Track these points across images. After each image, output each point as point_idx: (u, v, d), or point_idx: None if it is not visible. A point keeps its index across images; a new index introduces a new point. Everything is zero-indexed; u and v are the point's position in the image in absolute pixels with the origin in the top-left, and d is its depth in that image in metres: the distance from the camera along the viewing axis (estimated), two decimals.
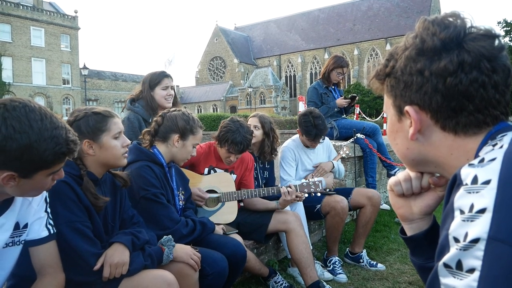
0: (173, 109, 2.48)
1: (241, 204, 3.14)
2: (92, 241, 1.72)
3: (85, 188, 1.72)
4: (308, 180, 3.00)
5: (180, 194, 2.44)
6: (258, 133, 3.23)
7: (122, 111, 3.43)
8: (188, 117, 2.40)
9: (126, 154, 1.90)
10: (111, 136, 1.82)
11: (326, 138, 3.89)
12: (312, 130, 3.42)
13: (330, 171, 3.74)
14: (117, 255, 1.73)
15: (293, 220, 2.96)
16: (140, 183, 2.19)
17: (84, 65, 33.46)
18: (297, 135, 3.72)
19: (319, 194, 3.01)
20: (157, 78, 3.14)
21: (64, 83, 44.29)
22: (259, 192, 2.93)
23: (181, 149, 2.38)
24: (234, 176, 3.01)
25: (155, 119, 2.45)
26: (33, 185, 1.30)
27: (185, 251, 2.01)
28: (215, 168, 2.95)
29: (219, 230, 2.53)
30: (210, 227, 2.43)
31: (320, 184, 2.96)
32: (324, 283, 2.93)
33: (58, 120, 1.30)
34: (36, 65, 41.75)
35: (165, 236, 2.02)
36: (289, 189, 2.90)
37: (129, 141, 1.91)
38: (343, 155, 4.00)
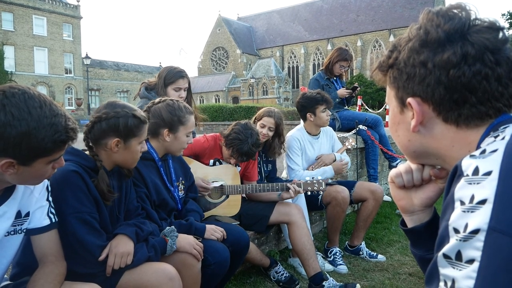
0: (158, 100, 2.37)
1: (244, 195, 3.15)
2: (98, 233, 1.73)
3: (100, 179, 1.73)
4: (313, 178, 3.01)
5: (180, 184, 2.43)
6: (270, 134, 3.25)
7: (134, 99, 3.34)
8: (173, 107, 2.29)
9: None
10: (138, 142, 1.84)
11: (330, 128, 3.89)
12: (321, 98, 3.51)
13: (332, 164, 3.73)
14: (122, 246, 1.74)
15: (295, 212, 2.97)
16: None
17: (87, 54, 33.46)
18: (301, 125, 3.72)
19: (321, 193, 3.02)
20: (172, 78, 3.04)
21: (66, 73, 44.28)
22: (264, 187, 2.94)
23: (174, 142, 2.30)
24: (238, 169, 3.02)
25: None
26: (33, 173, 1.30)
27: (188, 241, 2.03)
28: (221, 160, 2.96)
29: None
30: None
31: (323, 183, 2.97)
32: (327, 274, 2.95)
33: (58, 107, 1.29)
34: (38, 54, 41.70)
35: (168, 227, 2.03)
36: (295, 187, 2.93)
37: (146, 148, 1.91)
38: (349, 147, 3.99)
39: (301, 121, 3.79)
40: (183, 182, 2.45)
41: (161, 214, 2.25)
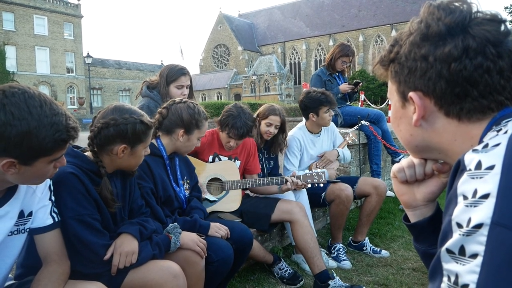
0: (179, 99, 2.41)
1: (246, 191, 3.15)
2: (101, 233, 1.73)
3: (104, 187, 1.72)
4: (312, 171, 3.02)
5: (185, 183, 2.44)
6: (275, 132, 3.27)
7: (136, 98, 3.35)
8: (194, 110, 2.33)
9: None
10: (144, 147, 1.84)
11: (331, 123, 3.88)
12: (325, 98, 3.48)
13: (336, 159, 3.73)
14: (126, 244, 1.75)
15: (298, 210, 2.96)
16: None
17: (88, 53, 33.50)
18: (303, 123, 3.71)
19: (321, 185, 3.03)
20: (174, 75, 3.04)
21: (68, 72, 44.31)
22: (263, 181, 2.95)
23: (186, 143, 2.34)
24: (238, 163, 3.02)
25: (159, 110, 2.38)
26: (34, 172, 1.30)
27: (191, 238, 2.03)
28: (220, 156, 2.96)
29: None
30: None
31: (323, 175, 2.98)
32: (333, 273, 2.95)
33: (58, 106, 1.29)
34: (39, 54, 41.74)
35: (171, 224, 2.03)
36: (293, 179, 2.94)
37: (149, 151, 1.92)
38: (349, 141, 3.99)
39: (303, 118, 3.78)
40: (188, 181, 2.47)
41: (166, 211, 2.26)
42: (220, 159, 2.96)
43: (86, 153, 1.80)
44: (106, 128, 1.72)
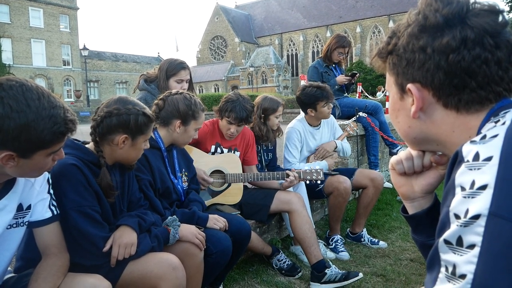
0: (175, 91, 2.41)
1: (245, 183, 3.16)
2: (101, 225, 1.73)
3: (103, 177, 1.73)
4: (311, 168, 3.03)
5: (183, 175, 2.45)
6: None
7: (134, 91, 3.35)
8: (190, 101, 2.33)
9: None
10: (144, 139, 1.85)
11: (331, 116, 3.88)
12: (321, 94, 3.44)
13: (334, 151, 3.73)
14: (125, 236, 1.75)
15: (296, 201, 2.98)
16: None
17: (84, 46, 33.23)
18: (302, 116, 3.70)
19: (319, 182, 3.05)
20: (174, 69, 3.05)
21: (64, 64, 43.99)
22: (265, 176, 2.97)
23: (183, 134, 2.34)
24: (237, 153, 3.03)
25: (155, 102, 2.38)
26: (33, 165, 1.30)
27: (190, 231, 2.03)
28: (222, 146, 2.97)
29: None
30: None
31: (321, 172, 3.00)
32: (330, 262, 2.97)
33: (56, 99, 1.29)
34: (35, 46, 41.41)
35: (170, 217, 2.04)
36: (295, 174, 2.97)
37: (149, 145, 1.93)
38: (351, 132, 3.98)
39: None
40: (186, 173, 2.47)
41: (164, 203, 2.26)
42: (222, 149, 2.97)
43: (87, 145, 1.81)
44: (109, 117, 1.74)
